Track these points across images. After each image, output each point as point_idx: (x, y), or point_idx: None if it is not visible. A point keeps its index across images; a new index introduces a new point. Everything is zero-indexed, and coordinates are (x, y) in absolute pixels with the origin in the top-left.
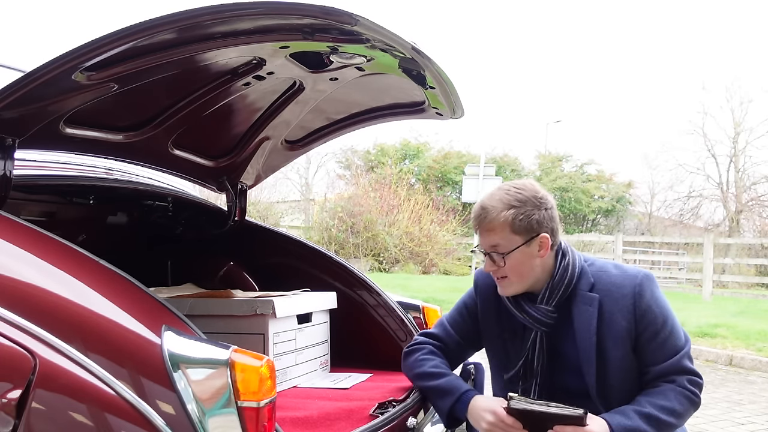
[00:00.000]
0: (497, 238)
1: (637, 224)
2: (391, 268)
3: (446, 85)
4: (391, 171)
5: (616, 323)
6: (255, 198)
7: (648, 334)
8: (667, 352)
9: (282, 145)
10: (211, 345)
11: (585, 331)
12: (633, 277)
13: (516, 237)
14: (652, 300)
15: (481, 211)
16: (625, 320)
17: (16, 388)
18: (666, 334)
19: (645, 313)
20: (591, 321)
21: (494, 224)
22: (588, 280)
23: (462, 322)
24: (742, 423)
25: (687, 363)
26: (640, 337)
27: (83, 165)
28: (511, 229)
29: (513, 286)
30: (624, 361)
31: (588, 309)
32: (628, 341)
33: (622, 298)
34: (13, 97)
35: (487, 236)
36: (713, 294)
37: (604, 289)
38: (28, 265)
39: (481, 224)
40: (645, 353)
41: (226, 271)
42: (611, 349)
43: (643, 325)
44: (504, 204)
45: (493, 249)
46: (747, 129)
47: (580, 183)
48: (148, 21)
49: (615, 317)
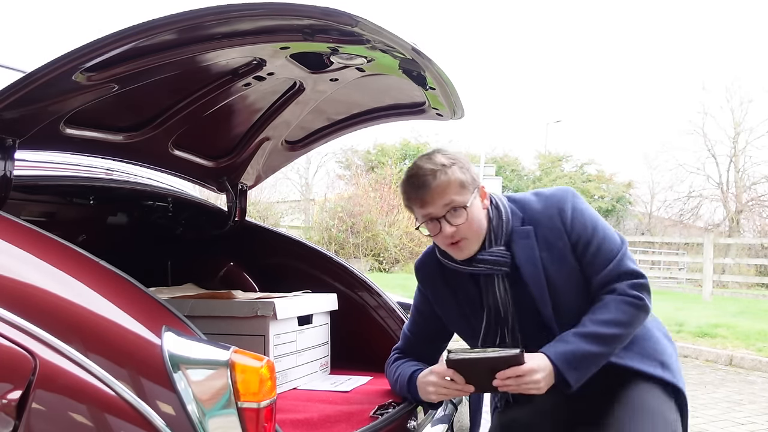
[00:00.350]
0: (451, 195)
1: (637, 224)
2: (391, 268)
3: (446, 85)
4: (391, 171)
5: (553, 245)
6: (255, 198)
7: (582, 245)
8: (604, 259)
9: (282, 146)
10: (212, 346)
11: (530, 265)
12: (552, 197)
13: (465, 191)
14: (575, 212)
15: (423, 177)
16: (560, 240)
17: (16, 389)
18: (599, 241)
19: (573, 225)
20: (533, 252)
21: (446, 182)
22: (517, 215)
23: (419, 326)
24: (742, 423)
25: (625, 265)
26: (575, 250)
27: (83, 165)
28: (460, 184)
29: (471, 245)
30: (571, 279)
31: (527, 242)
32: (569, 258)
33: (550, 220)
34: (13, 97)
35: (440, 197)
36: (713, 294)
37: (533, 219)
38: (28, 265)
39: (430, 188)
40: (584, 266)
41: (226, 272)
42: (557, 272)
43: (575, 238)
44: (445, 163)
45: (448, 207)
46: (747, 129)
47: (580, 183)
48: (149, 21)
49: (550, 241)
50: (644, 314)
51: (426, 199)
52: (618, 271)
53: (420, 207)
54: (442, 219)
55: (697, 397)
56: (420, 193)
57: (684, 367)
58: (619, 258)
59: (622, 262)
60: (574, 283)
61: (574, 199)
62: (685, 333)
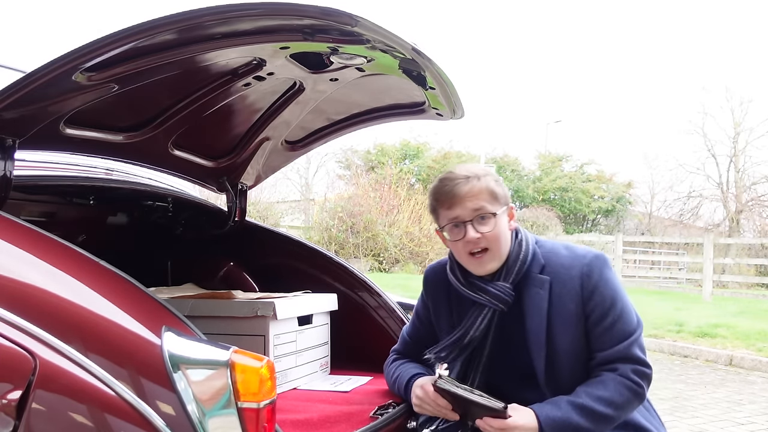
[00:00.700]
0: (482, 202)
1: (637, 224)
2: (391, 268)
3: (446, 85)
4: (391, 171)
5: (565, 307)
6: (255, 198)
7: (595, 317)
8: (615, 338)
9: (282, 146)
10: (211, 346)
11: (536, 315)
12: (581, 258)
13: (496, 202)
14: (600, 281)
15: (456, 182)
16: (573, 303)
17: (16, 389)
18: (614, 318)
19: (592, 294)
20: (542, 304)
21: (478, 188)
22: (539, 261)
23: (418, 331)
24: (742, 423)
25: (634, 351)
26: (588, 320)
27: (83, 165)
28: (491, 194)
29: (494, 260)
30: (573, 346)
31: (539, 292)
32: (577, 325)
33: (570, 280)
34: (13, 97)
35: (471, 201)
36: (713, 294)
37: (554, 271)
38: (29, 265)
39: (462, 191)
40: (592, 338)
41: (226, 272)
42: (560, 334)
43: (590, 307)
44: (479, 173)
45: (478, 213)
46: (747, 129)
47: (580, 183)
48: (149, 21)
49: (564, 300)
50: (638, 403)
51: (455, 201)
52: (626, 354)
53: (447, 209)
54: (468, 223)
55: (697, 397)
56: (450, 194)
57: (684, 367)
58: (631, 341)
59: (632, 347)
60: (574, 348)
61: (604, 268)
62: (685, 333)
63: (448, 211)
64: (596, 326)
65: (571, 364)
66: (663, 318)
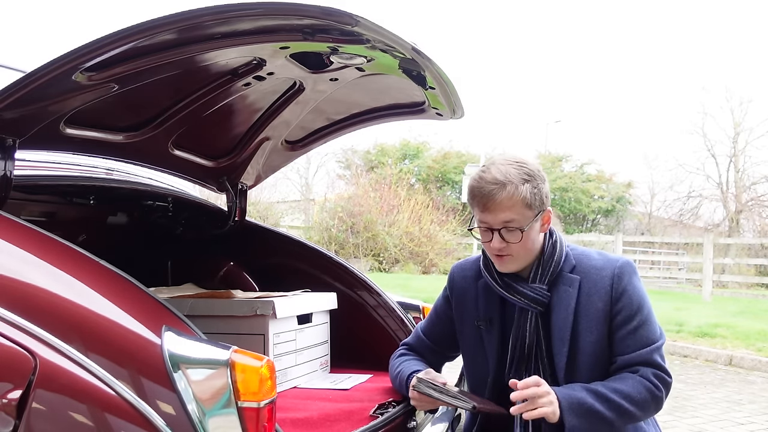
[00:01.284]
0: (512, 214)
1: (637, 224)
2: (391, 268)
3: (446, 85)
4: (391, 171)
5: (593, 305)
6: (255, 198)
7: (621, 317)
8: (638, 343)
9: (282, 146)
10: (211, 345)
11: (563, 311)
12: (614, 261)
13: (529, 212)
14: (629, 285)
15: (491, 186)
16: (602, 302)
17: (16, 389)
18: (639, 322)
19: (621, 295)
20: (570, 301)
21: (511, 199)
22: (570, 262)
23: (434, 327)
24: (742, 423)
25: (656, 357)
26: (614, 320)
27: (83, 165)
28: (526, 205)
29: (516, 262)
30: (596, 346)
31: (568, 290)
32: (603, 325)
33: (601, 280)
34: (13, 97)
35: (501, 212)
36: (713, 294)
37: (585, 271)
38: (29, 265)
39: (494, 200)
40: (616, 340)
41: (226, 272)
42: (585, 332)
43: (618, 308)
44: (518, 178)
45: (506, 225)
46: (747, 129)
47: (580, 183)
48: (149, 21)
49: (592, 299)
50: (655, 408)
51: (488, 208)
52: (647, 359)
53: (480, 211)
54: (495, 231)
55: (697, 397)
56: (484, 199)
57: (684, 367)
58: (654, 348)
59: (655, 354)
60: (597, 349)
61: (634, 274)
62: (685, 333)
63: (480, 214)
64: (621, 328)
65: (592, 364)
66: (663, 318)
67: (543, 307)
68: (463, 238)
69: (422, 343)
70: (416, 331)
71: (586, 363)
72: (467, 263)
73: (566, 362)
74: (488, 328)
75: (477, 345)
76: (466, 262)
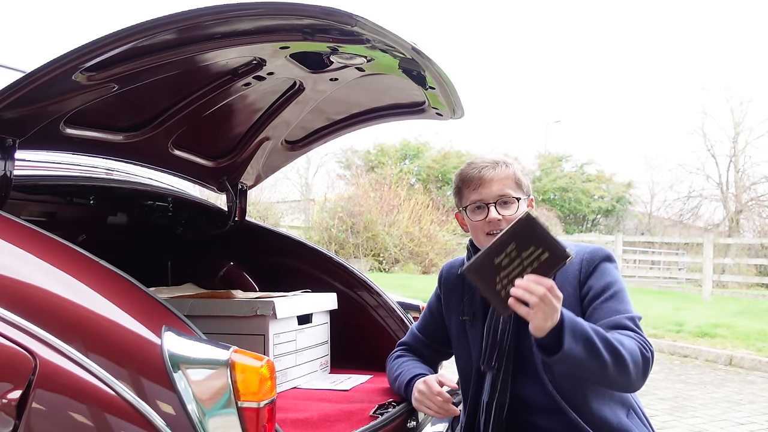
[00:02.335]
0: (506, 188)
1: (637, 224)
2: (391, 268)
3: (446, 85)
4: (391, 171)
5: (565, 291)
6: (255, 198)
7: (590, 295)
8: (609, 314)
9: (282, 146)
10: (211, 345)
11: None
12: (585, 248)
13: (520, 190)
14: (599, 268)
15: (484, 165)
16: (572, 287)
17: (16, 389)
18: (608, 296)
19: (588, 277)
20: None
21: (505, 174)
22: None
23: (429, 324)
24: (742, 423)
25: (630, 324)
26: (584, 301)
27: (83, 165)
28: (516, 181)
29: None
30: None
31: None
32: (576, 309)
33: (571, 266)
34: (13, 97)
35: (496, 185)
36: (713, 294)
37: None
38: (29, 265)
39: (490, 173)
40: (587, 318)
41: (226, 272)
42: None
43: (586, 288)
44: (507, 161)
45: (501, 197)
46: (747, 129)
47: (580, 183)
48: (149, 21)
49: (565, 286)
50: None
51: (482, 183)
52: (620, 322)
53: (473, 190)
54: (491, 205)
55: (696, 397)
56: (477, 177)
57: (684, 367)
58: (627, 316)
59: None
60: None
61: (604, 259)
62: (685, 333)
63: (473, 191)
64: (590, 305)
65: None
66: (663, 318)
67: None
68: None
69: (418, 340)
70: (412, 330)
71: None
72: (456, 262)
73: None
74: (472, 322)
75: (462, 339)
76: (455, 261)
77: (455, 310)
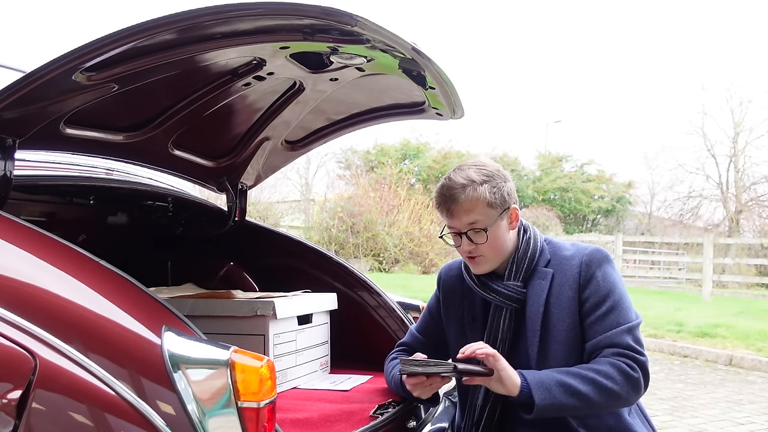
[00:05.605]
0: (475, 215)
1: (637, 224)
2: (391, 268)
3: (446, 85)
4: (391, 171)
5: (564, 294)
6: (255, 198)
7: (589, 304)
8: (606, 328)
9: (282, 146)
10: (211, 345)
11: (535, 304)
12: (583, 249)
13: (492, 211)
14: (598, 271)
15: (453, 191)
16: (572, 290)
17: (16, 389)
18: (608, 308)
19: (588, 282)
20: (541, 293)
21: (472, 201)
22: (545, 256)
23: (428, 325)
24: (742, 423)
25: (625, 338)
26: (583, 307)
27: (83, 165)
28: (487, 204)
29: (488, 263)
30: (569, 334)
31: (541, 283)
32: (575, 313)
33: (570, 268)
34: (13, 97)
35: (465, 215)
36: (713, 294)
37: (557, 263)
38: (29, 265)
39: (456, 203)
40: (586, 327)
41: (226, 272)
42: (557, 321)
43: (586, 295)
44: (476, 180)
45: (471, 227)
46: (747, 129)
47: (580, 183)
48: (149, 21)
49: (563, 288)
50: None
51: (452, 212)
52: (615, 340)
53: (446, 218)
54: (463, 235)
55: (696, 397)
56: (447, 204)
57: (684, 367)
58: (623, 330)
59: (623, 335)
60: (569, 337)
61: (604, 261)
62: (684, 333)
63: (447, 219)
64: (589, 315)
65: (566, 353)
66: (663, 318)
67: (518, 303)
68: None
69: (417, 340)
70: (411, 331)
71: (559, 352)
72: (454, 264)
73: (537, 352)
74: (472, 324)
75: (462, 341)
76: (454, 262)
77: (454, 312)
